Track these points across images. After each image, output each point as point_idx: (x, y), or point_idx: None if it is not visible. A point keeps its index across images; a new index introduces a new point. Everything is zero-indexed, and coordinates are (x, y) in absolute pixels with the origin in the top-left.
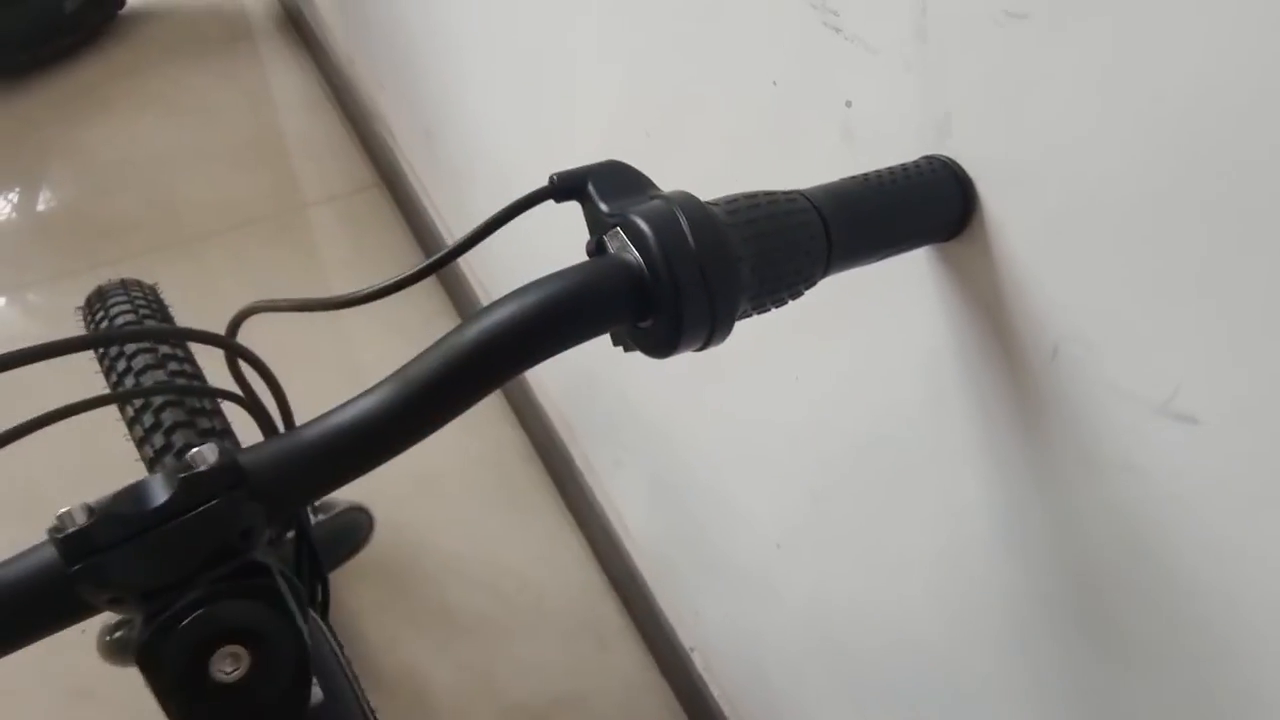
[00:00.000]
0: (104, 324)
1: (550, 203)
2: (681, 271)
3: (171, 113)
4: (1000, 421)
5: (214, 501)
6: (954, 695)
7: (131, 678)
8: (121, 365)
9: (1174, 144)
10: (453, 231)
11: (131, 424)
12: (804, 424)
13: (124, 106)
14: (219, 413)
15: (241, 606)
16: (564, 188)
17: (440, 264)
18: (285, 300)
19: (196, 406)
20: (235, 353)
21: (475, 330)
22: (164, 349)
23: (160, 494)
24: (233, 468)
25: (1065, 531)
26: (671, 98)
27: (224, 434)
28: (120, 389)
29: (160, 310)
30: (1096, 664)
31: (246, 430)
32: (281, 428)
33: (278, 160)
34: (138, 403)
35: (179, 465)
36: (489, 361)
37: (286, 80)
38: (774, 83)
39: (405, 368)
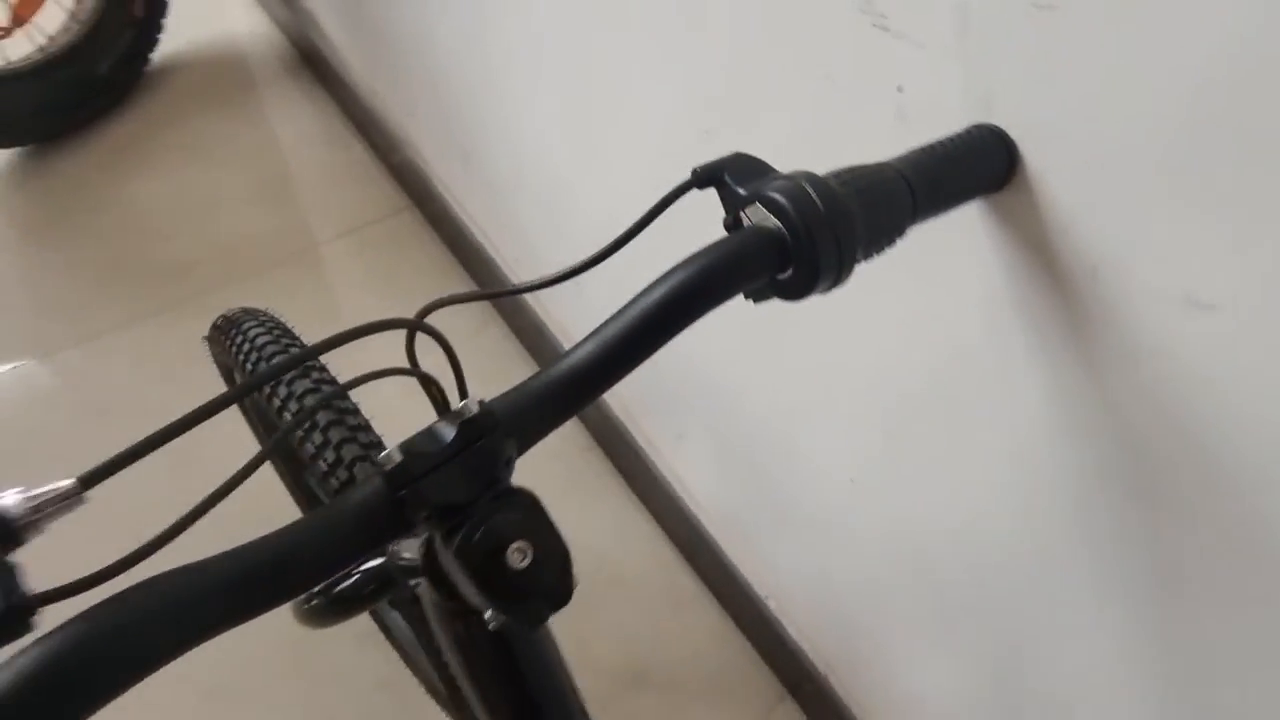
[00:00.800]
0: (244, 347)
1: None
2: (816, 230)
3: (208, 159)
4: (1052, 336)
5: (482, 440)
6: (1027, 581)
7: (255, 676)
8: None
9: (1174, 97)
10: (495, 244)
11: (280, 411)
12: (873, 366)
13: (163, 157)
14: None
15: (519, 515)
16: (704, 178)
17: (606, 255)
18: (466, 293)
19: (345, 407)
20: (426, 331)
21: (659, 292)
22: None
23: (448, 435)
24: (490, 414)
25: (1113, 415)
26: (729, 98)
27: (366, 428)
28: (282, 398)
29: (285, 329)
30: (1144, 523)
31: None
32: (457, 400)
33: (312, 194)
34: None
35: (455, 414)
36: (670, 316)
37: (310, 118)
38: (828, 76)
39: (604, 326)
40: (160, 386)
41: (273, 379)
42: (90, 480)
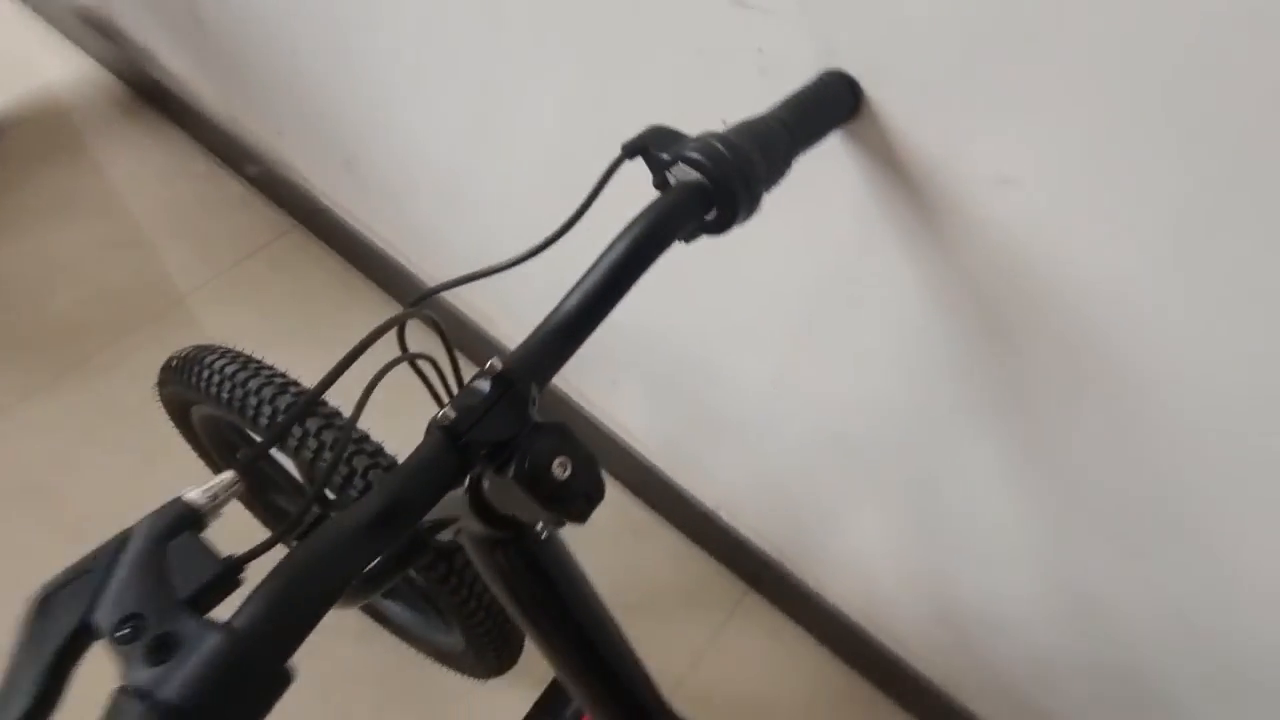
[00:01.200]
0: (212, 379)
1: None
2: (730, 176)
3: (66, 215)
4: (911, 227)
5: (514, 386)
6: (923, 428)
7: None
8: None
9: (958, 27)
10: (396, 246)
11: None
12: (773, 283)
13: (17, 221)
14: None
15: (555, 439)
16: (631, 150)
17: (567, 228)
18: (460, 277)
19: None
20: (424, 319)
21: (621, 246)
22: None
23: (485, 388)
24: (512, 366)
25: (965, 282)
26: (619, 78)
27: (366, 439)
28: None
29: (247, 356)
30: (998, 362)
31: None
32: (453, 383)
33: (188, 231)
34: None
35: (486, 369)
36: (632, 263)
37: (165, 155)
38: (700, 51)
39: (584, 278)
40: (86, 449)
41: (316, 399)
42: (246, 468)
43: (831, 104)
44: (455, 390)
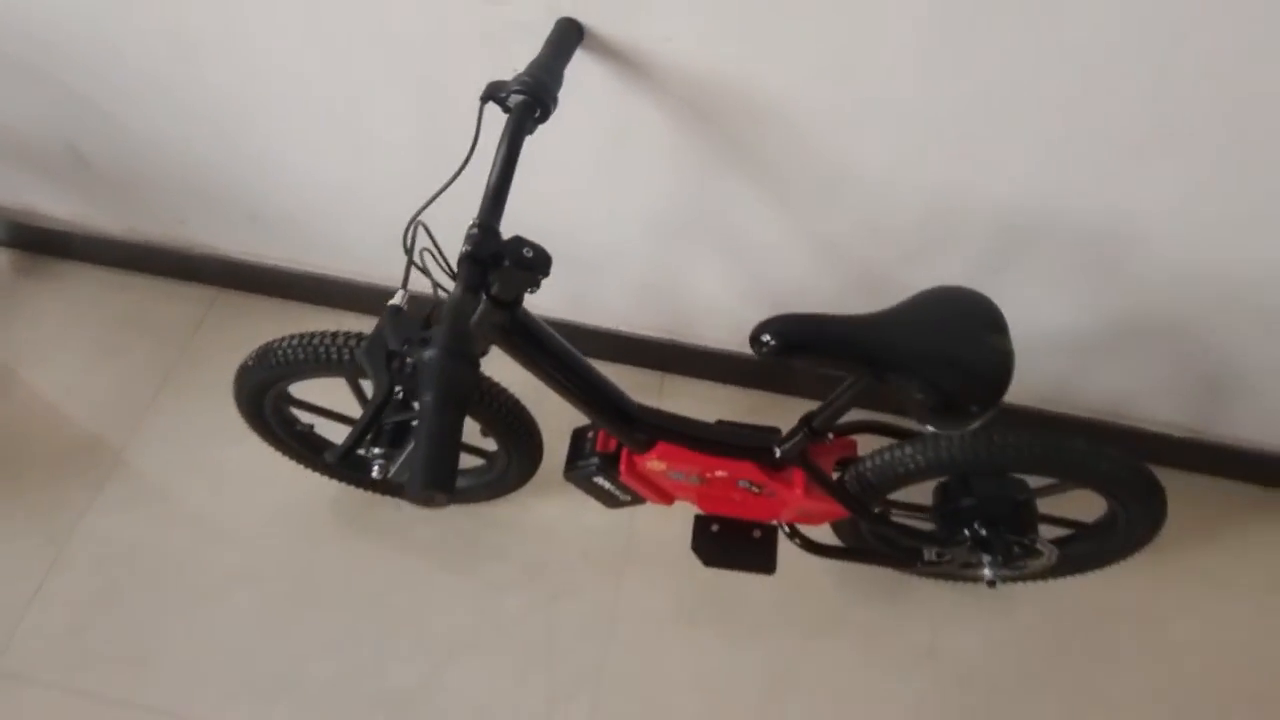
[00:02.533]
0: (289, 351)
1: None
2: (543, 90)
3: (8, 387)
4: (639, 84)
5: (489, 226)
6: (702, 198)
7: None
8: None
9: None
10: (320, 264)
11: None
12: (581, 161)
13: None
14: None
15: (516, 241)
16: (485, 97)
17: (469, 158)
18: (425, 202)
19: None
20: (421, 225)
21: (505, 141)
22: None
23: (475, 232)
24: (482, 223)
25: (679, 104)
26: (438, 70)
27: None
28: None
29: (298, 334)
30: (718, 147)
31: None
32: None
33: (136, 337)
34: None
35: (470, 228)
36: (514, 148)
37: (75, 288)
38: (483, 35)
39: (492, 169)
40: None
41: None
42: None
43: (570, 36)
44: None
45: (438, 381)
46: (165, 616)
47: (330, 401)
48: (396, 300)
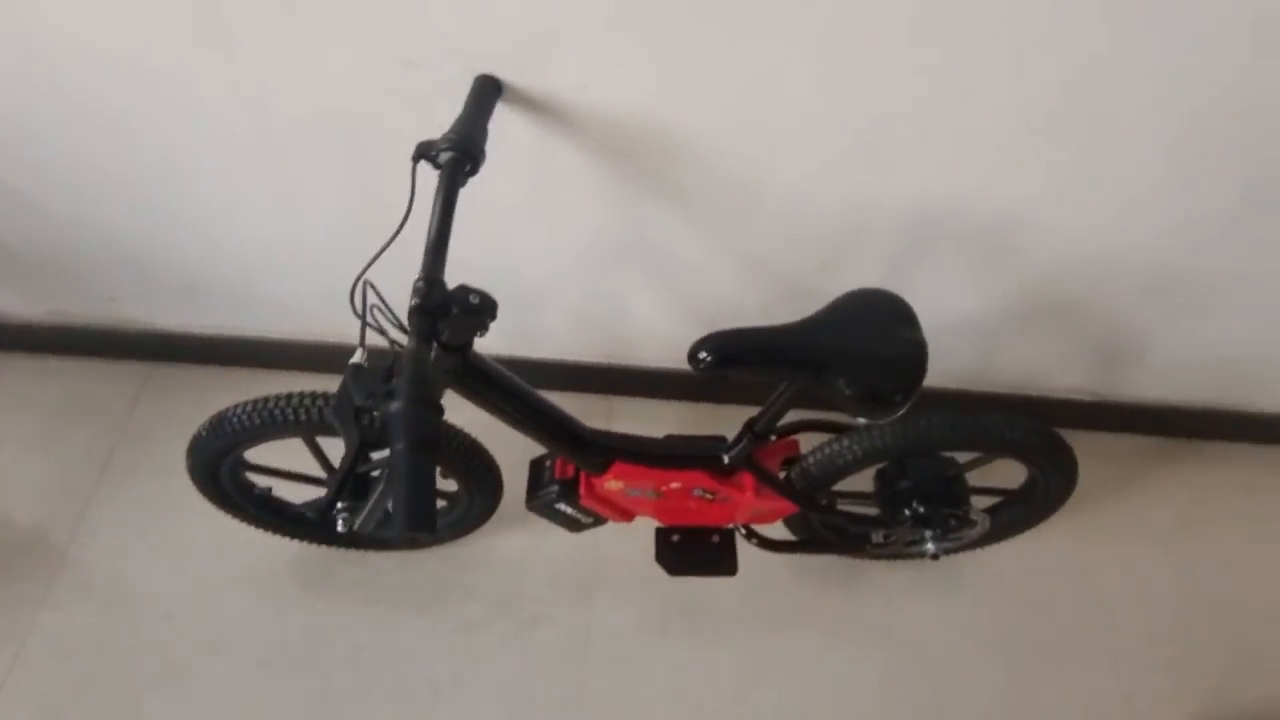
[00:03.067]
0: (244, 417)
1: None
2: (471, 145)
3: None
4: (558, 128)
5: (435, 278)
6: (628, 226)
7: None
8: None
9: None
10: (259, 327)
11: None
12: (510, 202)
13: None
14: None
15: (463, 289)
16: (416, 156)
17: (406, 216)
18: (368, 262)
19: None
20: (368, 284)
21: (441, 196)
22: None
23: (422, 286)
24: (428, 276)
25: (601, 145)
26: (365, 132)
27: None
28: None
29: (251, 400)
30: (635, 176)
31: None
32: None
33: (71, 424)
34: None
35: (416, 283)
36: (450, 202)
37: (1, 373)
38: (405, 94)
39: (431, 221)
40: None
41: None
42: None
43: (490, 91)
44: (400, 318)
45: (407, 430)
46: (138, 697)
47: (285, 462)
48: (357, 359)
